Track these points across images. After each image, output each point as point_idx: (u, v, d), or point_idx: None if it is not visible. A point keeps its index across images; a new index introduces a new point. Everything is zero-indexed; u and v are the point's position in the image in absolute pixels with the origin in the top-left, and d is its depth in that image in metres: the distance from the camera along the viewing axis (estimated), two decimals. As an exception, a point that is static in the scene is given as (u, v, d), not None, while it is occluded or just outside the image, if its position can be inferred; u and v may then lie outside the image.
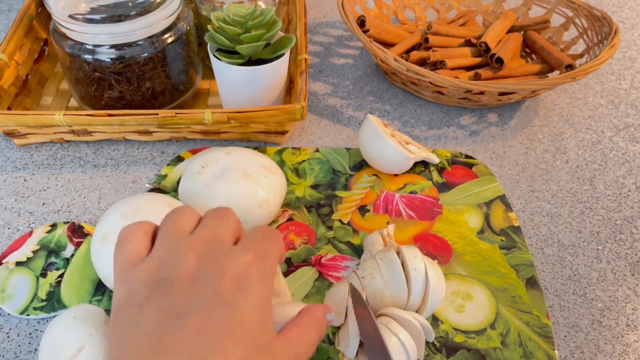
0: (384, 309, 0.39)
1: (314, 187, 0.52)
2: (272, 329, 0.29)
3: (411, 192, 0.52)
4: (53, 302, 0.43)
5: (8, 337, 0.41)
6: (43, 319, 0.42)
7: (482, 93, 0.59)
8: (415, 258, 0.40)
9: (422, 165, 0.55)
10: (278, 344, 0.29)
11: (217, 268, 0.28)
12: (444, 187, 0.53)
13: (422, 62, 0.65)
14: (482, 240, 0.48)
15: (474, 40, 0.67)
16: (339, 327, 0.41)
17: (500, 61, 0.63)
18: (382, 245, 0.45)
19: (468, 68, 0.65)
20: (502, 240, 0.48)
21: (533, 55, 0.70)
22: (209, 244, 0.30)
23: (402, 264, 0.41)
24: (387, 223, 0.50)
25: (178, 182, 0.52)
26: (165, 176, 0.53)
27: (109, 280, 0.41)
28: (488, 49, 0.64)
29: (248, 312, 0.27)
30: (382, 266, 0.41)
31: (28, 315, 0.42)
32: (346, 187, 0.53)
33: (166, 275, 0.28)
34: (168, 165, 0.54)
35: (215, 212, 0.32)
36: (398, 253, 0.42)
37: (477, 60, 0.65)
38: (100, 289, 0.43)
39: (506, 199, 0.52)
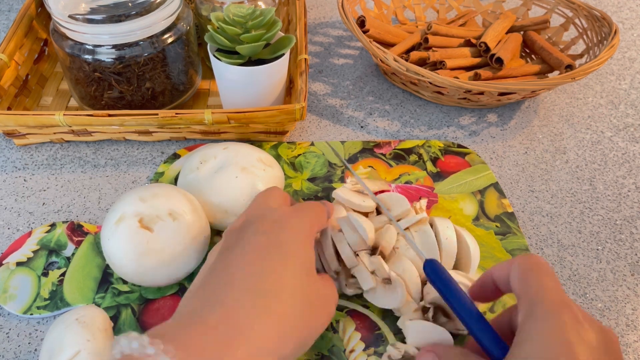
0: None
1: (311, 180, 0.53)
2: (313, 263, 0.35)
3: (406, 183, 0.53)
4: (56, 300, 0.43)
5: (8, 337, 0.42)
6: (44, 318, 0.42)
7: (481, 93, 0.60)
8: (447, 228, 0.43)
9: (415, 156, 0.55)
10: (319, 281, 0.35)
11: (260, 214, 0.36)
12: (438, 177, 0.54)
13: (422, 62, 0.65)
14: (477, 227, 0.49)
15: (473, 41, 0.67)
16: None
17: (500, 61, 0.63)
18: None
19: (468, 68, 0.65)
20: (497, 226, 0.49)
21: (533, 56, 0.70)
22: (260, 203, 0.38)
23: (435, 234, 0.43)
24: (420, 198, 0.51)
25: (175, 179, 0.52)
26: (162, 173, 0.53)
27: (117, 265, 0.41)
28: (488, 49, 0.64)
29: (285, 240, 0.34)
30: (416, 238, 0.42)
31: (31, 314, 0.42)
32: (342, 180, 0.53)
33: (227, 231, 0.37)
34: (165, 162, 0.54)
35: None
36: (431, 224, 0.44)
37: (477, 60, 0.65)
38: (103, 287, 0.43)
39: (499, 186, 0.53)
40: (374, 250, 0.42)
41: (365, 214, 0.46)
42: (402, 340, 0.41)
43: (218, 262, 0.34)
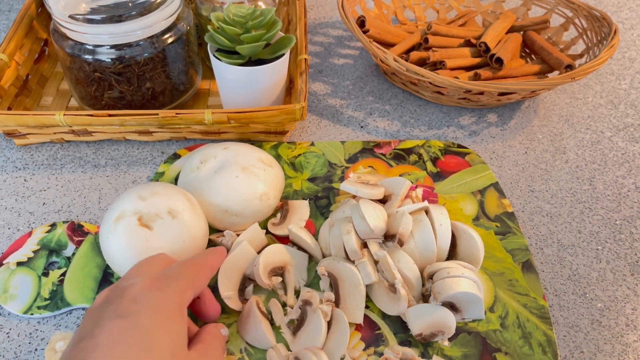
0: (431, 268, 0.42)
1: (311, 179, 0.53)
2: (181, 341, 0.33)
3: None
4: (57, 300, 0.43)
5: (8, 337, 0.42)
6: (44, 318, 0.42)
7: (481, 93, 0.60)
8: (442, 215, 0.43)
9: (415, 156, 0.55)
10: (192, 354, 0.33)
11: (118, 293, 0.33)
12: (438, 177, 0.54)
13: (422, 62, 0.65)
14: (477, 227, 0.49)
15: (473, 41, 0.67)
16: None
17: (500, 61, 0.63)
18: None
19: (468, 68, 0.65)
20: (497, 226, 0.49)
21: (533, 56, 0.70)
22: (133, 272, 0.36)
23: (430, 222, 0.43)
24: (416, 187, 0.51)
25: (175, 179, 0.52)
26: (162, 173, 0.53)
27: (116, 263, 0.41)
28: (488, 49, 0.64)
29: (144, 325, 0.31)
30: (413, 227, 0.43)
31: (32, 314, 0.42)
32: (343, 179, 0.53)
33: (89, 309, 0.34)
34: (165, 162, 0.54)
35: (146, 259, 0.38)
36: (426, 211, 0.44)
37: (477, 60, 0.65)
38: (103, 286, 0.43)
39: (499, 186, 0.53)
40: (387, 237, 0.42)
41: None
42: (402, 340, 0.41)
43: (74, 355, 0.30)
